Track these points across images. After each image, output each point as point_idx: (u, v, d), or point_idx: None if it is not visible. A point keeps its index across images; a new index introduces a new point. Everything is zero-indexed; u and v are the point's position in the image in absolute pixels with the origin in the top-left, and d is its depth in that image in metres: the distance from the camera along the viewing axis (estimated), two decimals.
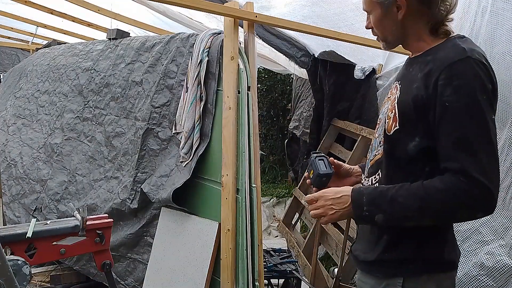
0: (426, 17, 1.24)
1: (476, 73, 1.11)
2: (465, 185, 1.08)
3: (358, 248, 1.38)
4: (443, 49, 1.20)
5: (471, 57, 1.12)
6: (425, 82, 1.15)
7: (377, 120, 1.42)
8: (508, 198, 2.02)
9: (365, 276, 1.34)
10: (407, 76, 1.27)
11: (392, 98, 1.30)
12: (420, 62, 1.23)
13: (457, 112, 1.10)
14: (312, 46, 3.65)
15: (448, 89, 1.10)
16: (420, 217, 1.16)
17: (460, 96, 1.09)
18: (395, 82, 1.34)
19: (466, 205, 1.10)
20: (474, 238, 2.22)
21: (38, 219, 2.28)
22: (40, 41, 6.07)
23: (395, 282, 1.23)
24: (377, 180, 1.30)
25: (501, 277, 2.07)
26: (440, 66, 1.13)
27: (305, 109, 5.35)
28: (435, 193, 1.11)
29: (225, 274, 2.19)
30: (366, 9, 1.33)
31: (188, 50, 2.57)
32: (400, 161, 1.23)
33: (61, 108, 3.51)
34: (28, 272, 1.54)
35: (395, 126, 1.22)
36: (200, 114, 2.39)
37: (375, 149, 1.34)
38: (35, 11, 4.28)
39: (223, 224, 2.22)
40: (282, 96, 7.27)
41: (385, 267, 1.26)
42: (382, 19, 1.28)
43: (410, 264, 1.23)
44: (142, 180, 2.65)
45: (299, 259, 3.41)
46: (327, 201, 1.25)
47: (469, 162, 1.08)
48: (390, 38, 1.32)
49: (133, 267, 2.73)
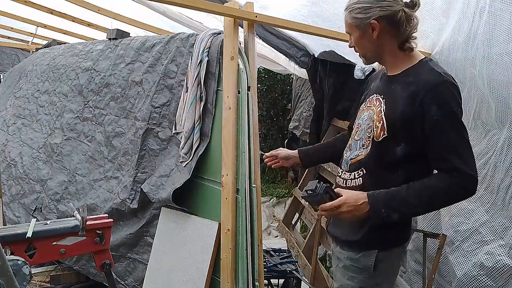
0: (395, 36, 1.54)
1: (452, 93, 1.46)
2: (458, 179, 1.43)
3: (338, 231, 1.72)
4: (421, 72, 1.51)
5: (447, 80, 1.46)
6: (411, 101, 1.47)
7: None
8: (508, 198, 2.02)
9: (342, 248, 1.69)
10: (391, 93, 1.57)
11: (375, 109, 1.59)
12: (402, 82, 1.54)
13: (443, 124, 1.44)
14: (312, 46, 3.65)
15: (434, 107, 1.43)
16: (427, 210, 1.56)
17: (443, 112, 1.43)
18: (374, 95, 1.64)
19: (462, 194, 1.48)
20: (473, 238, 2.22)
21: (38, 219, 2.28)
22: (40, 41, 6.07)
23: (370, 253, 1.59)
24: (360, 176, 1.60)
25: (501, 277, 2.07)
26: (424, 88, 1.45)
27: (305, 109, 5.36)
28: (438, 190, 1.45)
29: (225, 274, 2.19)
30: (347, 31, 1.61)
31: (188, 50, 2.57)
32: (386, 163, 1.54)
33: (61, 108, 3.51)
34: (28, 272, 1.54)
35: (383, 134, 1.53)
36: (200, 114, 2.39)
37: (357, 149, 1.63)
38: (35, 11, 4.28)
39: (223, 224, 2.22)
40: (282, 96, 7.27)
41: (364, 244, 1.60)
42: (360, 39, 1.58)
43: (385, 240, 1.60)
44: (142, 180, 2.65)
45: (299, 259, 3.41)
46: (349, 207, 1.50)
47: (458, 161, 1.43)
48: (369, 55, 1.62)
49: (133, 267, 2.73)
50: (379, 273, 1.60)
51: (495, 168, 2.08)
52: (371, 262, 1.59)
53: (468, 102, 2.19)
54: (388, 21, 1.51)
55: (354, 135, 1.69)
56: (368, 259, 1.59)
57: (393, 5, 1.50)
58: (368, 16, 1.51)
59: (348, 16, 1.57)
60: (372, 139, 1.57)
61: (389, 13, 1.50)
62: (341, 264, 1.68)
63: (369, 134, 1.59)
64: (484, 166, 2.15)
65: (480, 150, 2.14)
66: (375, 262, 1.59)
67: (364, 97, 1.78)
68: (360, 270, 1.61)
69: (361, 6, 1.52)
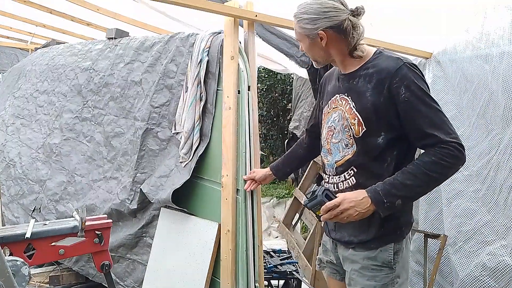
0: (344, 43, 1.59)
1: (414, 71, 1.51)
2: (446, 150, 1.46)
3: (345, 235, 1.67)
4: (380, 62, 1.56)
5: (406, 62, 1.52)
6: (378, 90, 1.52)
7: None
8: (510, 198, 2.01)
9: (356, 250, 1.65)
10: (354, 88, 1.60)
11: (343, 108, 1.63)
12: (362, 75, 1.58)
13: (415, 102, 1.48)
14: None
15: (402, 89, 1.48)
16: (428, 187, 1.53)
17: (412, 91, 1.48)
18: (337, 95, 1.67)
19: (454, 163, 1.48)
20: (476, 239, 2.21)
21: (37, 220, 2.26)
22: (39, 40, 6.05)
23: (387, 248, 1.59)
24: (352, 175, 1.61)
25: (503, 277, 2.07)
26: (388, 74, 1.51)
27: (306, 109, 5.35)
28: (431, 165, 1.47)
29: (225, 275, 2.18)
30: (297, 39, 1.67)
31: (188, 50, 2.56)
32: (373, 155, 1.56)
33: (60, 108, 3.50)
34: (27, 272, 1.54)
35: (362, 129, 1.56)
36: (200, 114, 2.38)
37: (340, 151, 1.64)
38: (34, 10, 4.26)
39: (223, 224, 2.21)
40: (282, 96, 7.26)
41: (379, 240, 1.60)
42: (310, 47, 1.65)
43: (399, 231, 1.61)
44: (142, 181, 2.64)
45: (299, 260, 3.39)
46: (350, 203, 1.51)
47: (440, 133, 1.46)
48: (319, 59, 1.69)
49: (132, 268, 2.72)
50: (398, 265, 1.61)
51: (498, 168, 2.07)
52: (390, 256, 1.60)
53: (474, 101, 2.19)
54: (336, 30, 1.57)
55: (330, 138, 1.70)
56: (386, 253, 1.60)
57: (339, 15, 1.56)
58: (316, 27, 1.57)
59: (297, 26, 1.63)
60: (353, 137, 1.59)
61: (335, 23, 1.56)
62: (357, 267, 1.65)
63: (348, 133, 1.61)
64: (486, 165, 2.14)
65: (482, 149, 2.13)
66: (393, 255, 1.60)
67: (322, 101, 1.80)
68: (380, 266, 1.60)
69: (308, 17, 1.58)
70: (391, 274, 1.60)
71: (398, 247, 1.61)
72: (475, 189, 2.25)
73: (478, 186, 2.23)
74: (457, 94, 2.38)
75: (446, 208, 2.41)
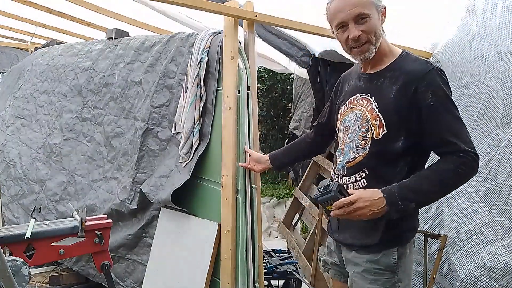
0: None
1: (442, 77, 1.50)
2: (464, 159, 1.45)
3: (349, 238, 1.66)
4: (407, 64, 1.53)
5: (435, 67, 1.50)
6: (403, 92, 1.49)
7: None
8: (511, 198, 2.01)
9: (358, 253, 1.63)
10: (377, 89, 1.56)
11: (364, 108, 1.58)
12: (387, 77, 1.54)
13: (440, 108, 1.47)
14: (313, 45, 3.63)
15: (429, 93, 1.46)
16: (442, 194, 1.54)
17: (439, 96, 1.46)
18: (358, 95, 1.62)
19: (469, 173, 1.47)
20: (476, 239, 2.21)
21: (37, 220, 2.26)
22: (39, 40, 6.05)
23: (390, 252, 1.57)
24: (363, 177, 1.58)
25: (503, 278, 2.06)
26: (415, 77, 1.48)
27: (306, 109, 5.34)
28: (448, 173, 1.46)
29: (225, 275, 2.18)
30: (367, 12, 1.49)
31: (188, 50, 2.56)
32: (388, 159, 1.54)
33: (60, 108, 3.50)
34: (27, 273, 1.54)
35: (383, 131, 1.52)
36: (199, 114, 2.38)
37: (351, 152, 1.61)
38: (34, 10, 4.26)
39: (223, 225, 2.21)
40: (282, 96, 7.25)
41: (384, 244, 1.57)
42: (377, 23, 1.51)
43: (403, 235, 1.60)
44: (142, 181, 2.64)
45: (299, 260, 3.39)
46: (365, 202, 1.46)
47: (460, 141, 1.45)
48: (378, 43, 1.54)
49: (132, 268, 2.72)
50: (400, 269, 1.59)
51: (498, 168, 2.07)
52: (393, 260, 1.57)
53: (474, 101, 2.18)
54: (384, 13, 1.54)
55: (345, 138, 1.66)
56: (389, 257, 1.58)
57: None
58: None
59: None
60: (372, 138, 1.55)
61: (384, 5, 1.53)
62: (359, 269, 1.63)
63: (363, 134, 1.57)
64: (487, 166, 2.14)
65: (482, 149, 2.13)
66: (397, 259, 1.58)
67: (340, 100, 1.75)
68: (383, 270, 1.58)
69: None
70: (393, 278, 1.58)
71: (401, 251, 1.59)
72: (475, 189, 2.25)
73: (478, 186, 2.23)
74: (457, 94, 2.38)
75: (446, 208, 2.41)
